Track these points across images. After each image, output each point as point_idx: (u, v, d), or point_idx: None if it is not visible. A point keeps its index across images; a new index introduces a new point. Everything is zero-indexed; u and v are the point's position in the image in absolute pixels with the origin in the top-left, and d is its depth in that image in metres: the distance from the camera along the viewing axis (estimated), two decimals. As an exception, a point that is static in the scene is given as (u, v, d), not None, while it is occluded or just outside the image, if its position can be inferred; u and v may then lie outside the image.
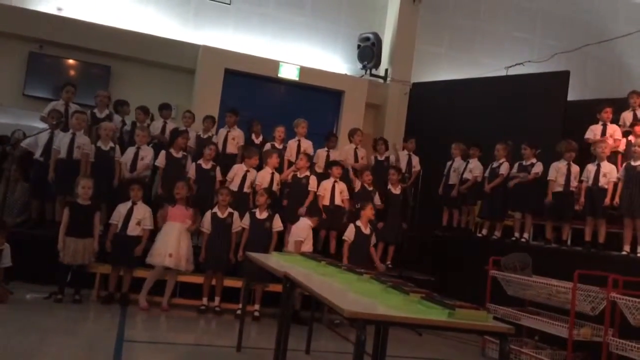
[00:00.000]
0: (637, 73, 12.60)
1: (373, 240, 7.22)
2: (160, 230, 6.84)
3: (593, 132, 7.93)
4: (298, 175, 7.80)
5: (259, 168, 7.82)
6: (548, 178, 7.55)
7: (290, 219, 7.31)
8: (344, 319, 3.03)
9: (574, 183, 7.37)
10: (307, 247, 6.87)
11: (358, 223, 7.08)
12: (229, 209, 7.02)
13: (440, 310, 2.66)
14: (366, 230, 7.08)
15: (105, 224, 6.91)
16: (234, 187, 7.49)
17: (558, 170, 7.47)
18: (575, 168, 7.42)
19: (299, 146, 8.45)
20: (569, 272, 5.31)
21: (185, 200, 6.91)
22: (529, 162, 7.83)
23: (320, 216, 7.17)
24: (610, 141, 7.59)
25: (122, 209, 6.76)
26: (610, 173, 7.00)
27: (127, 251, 6.63)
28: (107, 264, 6.67)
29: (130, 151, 7.54)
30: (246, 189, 7.57)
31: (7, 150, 7.57)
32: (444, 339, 6.53)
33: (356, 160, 8.74)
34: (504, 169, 8.07)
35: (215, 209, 6.99)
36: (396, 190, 8.25)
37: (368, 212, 7.06)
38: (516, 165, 8.01)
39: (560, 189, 7.41)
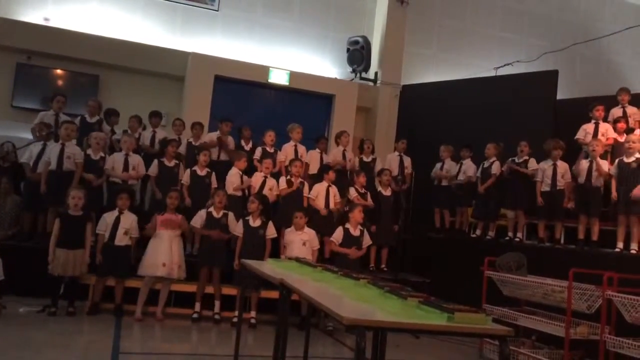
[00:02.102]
0: (625, 70, 12.71)
1: (367, 242, 7.19)
2: (150, 240, 6.78)
3: (585, 131, 7.96)
4: (293, 181, 7.77)
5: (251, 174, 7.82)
6: (534, 179, 7.60)
7: (284, 225, 7.29)
8: (339, 325, 3.02)
9: (561, 181, 7.40)
10: (291, 253, 6.83)
11: (347, 225, 7.06)
12: (223, 210, 7.00)
13: (439, 314, 2.64)
14: (355, 233, 7.06)
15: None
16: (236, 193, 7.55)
17: (544, 172, 7.52)
18: (562, 166, 7.45)
19: (295, 151, 8.43)
20: (564, 271, 5.32)
21: (174, 208, 6.89)
22: (522, 159, 7.85)
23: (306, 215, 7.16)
24: (602, 140, 7.64)
25: (108, 218, 6.66)
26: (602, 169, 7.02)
27: (116, 261, 6.57)
28: (95, 274, 6.56)
29: (120, 157, 7.46)
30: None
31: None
32: (441, 341, 6.52)
33: (345, 161, 8.73)
34: (495, 169, 8.09)
35: (211, 209, 6.96)
36: (387, 192, 8.25)
37: (356, 215, 7.04)
38: (508, 160, 8.02)
39: (547, 188, 7.46)
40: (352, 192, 7.99)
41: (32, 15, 9.56)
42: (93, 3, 9.96)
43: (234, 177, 7.65)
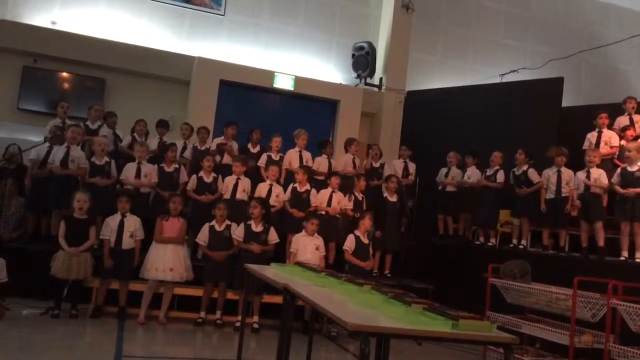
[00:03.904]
0: (630, 78, 12.70)
1: (371, 251, 7.20)
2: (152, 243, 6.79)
3: (589, 140, 7.95)
4: (298, 190, 7.74)
5: (257, 180, 7.83)
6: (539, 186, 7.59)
7: (291, 232, 7.28)
8: (344, 331, 3.01)
9: (565, 188, 7.38)
10: (303, 258, 6.85)
11: (357, 233, 7.05)
12: (227, 222, 6.99)
13: (444, 321, 2.64)
14: (365, 240, 7.06)
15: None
16: (227, 196, 7.52)
17: (548, 178, 7.51)
18: (567, 173, 7.43)
19: (300, 157, 8.43)
20: (568, 279, 5.30)
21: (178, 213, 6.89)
22: (520, 170, 7.85)
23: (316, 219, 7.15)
24: (606, 148, 7.63)
25: (112, 222, 6.68)
26: (599, 178, 7.01)
27: (121, 265, 6.57)
28: (99, 277, 6.57)
29: (132, 166, 7.48)
30: (238, 196, 7.54)
31: (2, 165, 7.54)
32: (444, 348, 6.49)
33: (355, 169, 8.73)
34: (500, 178, 8.08)
35: (213, 222, 6.96)
36: (393, 199, 8.23)
37: (366, 222, 7.04)
38: (510, 174, 8.03)
39: (552, 195, 7.44)
40: (350, 200, 7.95)
41: (39, 19, 9.60)
42: (100, 7, 10.00)
43: (229, 183, 7.64)
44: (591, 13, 12.94)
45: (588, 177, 7.09)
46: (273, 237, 6.98)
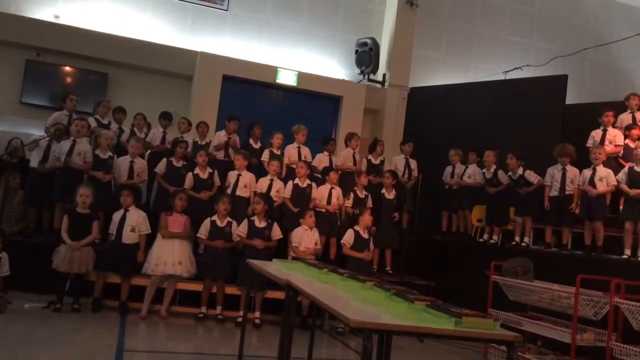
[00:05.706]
0: (635, 76, 12.65)
1: (371, 246, 7.19)
2: (156, 239, 6.79)
3: (593, 138, 7.89)
4: (300, 185, 7.73)
5: (259, 176, 7.82)
6: (543, 183, 7.57)
7: (292, 228, 7.28)
8: (347, 327, 3.01)
9: (570, 187, 7.35)
10: (304, 249, 6.90)
11: (356, 228, 7.05)
12: (228, 218, 6.98)
13: (447, 318, 2.63)
14: (365, 235, 7.06)
15: (104, 233, 6.85)
16: (228, 191, 7.52)
17: (553, 176, 7.47)
18: (572, 172, 7.39)
19: (299, 153, 8.41)
20: (571, 277, 5.29)
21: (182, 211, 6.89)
22: (517, 175, 7.82)
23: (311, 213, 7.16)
24: (610, 146, 7.59)
25: (115, 217, 6.70)
26: (607, 177, 6.95)
27: (121, 259, 6.58)
28: (99, 270, 6.56)
29: (125, 163, 7.43)
30: (238, 192, 7.53)
31: (4, 158, 7.54)
32: (445, 345, 6.50)
33: (355, 164, 8.71)
34: (503, 178, 8.05)
35: (215, 217, 6.95)
36: (390, 195, 8.21)
37: (366, 218, 7.03)
38: (506, 177, 8.01)
39: (556, 193, 7.40)
40: (348, 199, 7.92)
41: (42, 12, 9.59)
42: (103, 1, 9.98)
43: (232, 178, 7.64)
44: (596, 10, 12.88)
45: (594, 175, 7.03)
46: (276, 233, 6.99)
